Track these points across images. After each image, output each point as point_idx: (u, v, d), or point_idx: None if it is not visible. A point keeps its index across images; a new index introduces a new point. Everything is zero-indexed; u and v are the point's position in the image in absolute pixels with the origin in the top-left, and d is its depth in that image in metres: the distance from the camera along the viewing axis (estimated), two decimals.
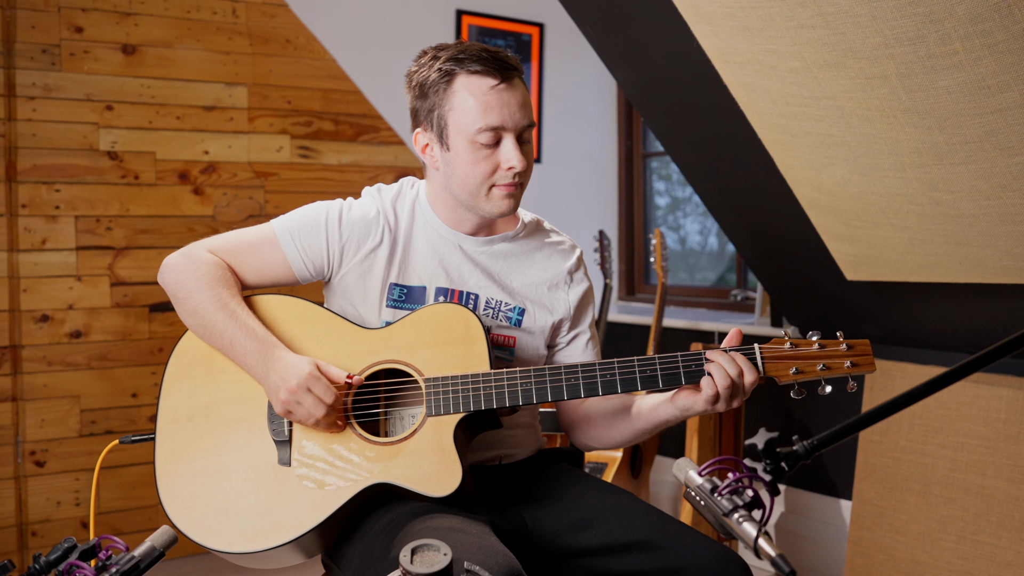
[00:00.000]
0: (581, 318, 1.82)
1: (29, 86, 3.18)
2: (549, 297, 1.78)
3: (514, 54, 1.75)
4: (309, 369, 1.56)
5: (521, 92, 1.67)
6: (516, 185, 1.68)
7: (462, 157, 1.66)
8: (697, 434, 3.12)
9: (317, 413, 1.55)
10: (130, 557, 1.19)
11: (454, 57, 1.65)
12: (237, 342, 1.61)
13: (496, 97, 1.63)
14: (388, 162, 3.87)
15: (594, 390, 1.56)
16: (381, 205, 1.75)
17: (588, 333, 1.82)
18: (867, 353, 1.56)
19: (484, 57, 1.63)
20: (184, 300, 1.67)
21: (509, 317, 1.75)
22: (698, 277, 4.59)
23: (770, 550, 1.06)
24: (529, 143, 1.70)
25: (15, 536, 3.17)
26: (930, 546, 2.63)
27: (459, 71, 1.64)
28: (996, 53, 1.71)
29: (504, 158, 1.65)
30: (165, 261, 1.73)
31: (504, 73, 1.64)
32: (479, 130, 1.63)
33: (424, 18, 4.00)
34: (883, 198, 2.26)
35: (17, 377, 3.18)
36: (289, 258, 1.71)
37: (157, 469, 1.64)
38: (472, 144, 1.64)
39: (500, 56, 1.65)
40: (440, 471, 1.55)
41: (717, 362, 1.54)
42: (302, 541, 1.58)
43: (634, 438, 1.72)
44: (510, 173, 1.65)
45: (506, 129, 1.64)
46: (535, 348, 1.77)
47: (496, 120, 1.63)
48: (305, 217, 1.73)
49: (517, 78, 1.67)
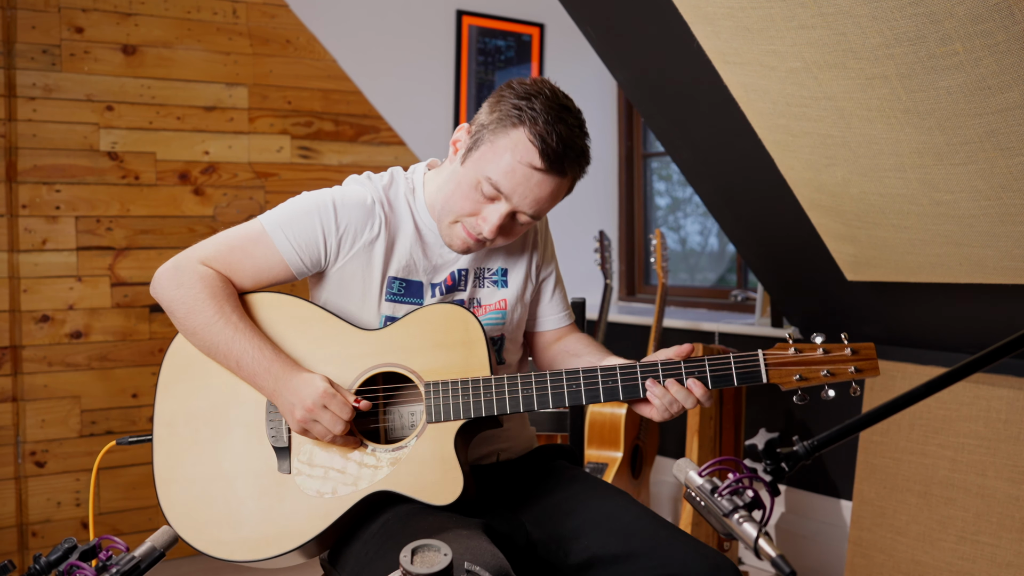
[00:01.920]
0: (547, 249, 1.85)
1: (29, 86, 3.18)
2: (524, 257, 1.80)
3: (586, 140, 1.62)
4: (324, 386, 1.54)
5: (552, 189, 1.59)
6: (479, 241, 1.64)
7: (461, 184, 1.62)
8: (697, 434, 3.11)
9: (335, 430, 1.54)
10: (130, 557, 1.19)
11: (540, 113, 1.56)
12: (244, 362, 1.58)
13: (526, 175, 1.57)
14: (388, 162, 3.87)
15: (596, 397, 1.56)
16: (375, 193, 1.69)
17: (554, 275, 1.86)
18: (871, 357, 1.55)
19: (551, 135, 1.55)
20: (183, 318, 1.62)
21: (495, 280, 1.76)
22: (698, 277, 4.59)
23: (770, 550, 1.06)
24: (522, 227, 1.65)
25: (15, 536, 3.17)
26: (930, 547, 2.63)
27: (526, 125, 1.56)
28: (996, 53, 1.71)
29: (485, 214, 1.61)
30: (157, 274, 1.66)
31: (552, 165, 1.56)
32: (488, 179, 1.58)
33: (424, 18, 4.01)
34: (883, 198, 2.26)
35: (17, 377, 3.18)
36: (282, 252, 1.64)
37: (156, 476, 1.63)
38: (475, 182, 1.60)
39: (567, 150, 1.57)
40: (441, 479, 1.54)
41: (651, 391, 1.55)
42: (304, 548, 1.58)
43: None
44: (477, 230, 1.62)
45: (509, 200, 1.59)
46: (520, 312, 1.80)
47: (507, 188, 1.58)
48: (295, 209, 1.67)
49: (562, 177, 1.59)
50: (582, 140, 1.61)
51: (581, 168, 1.62)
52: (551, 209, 1.65)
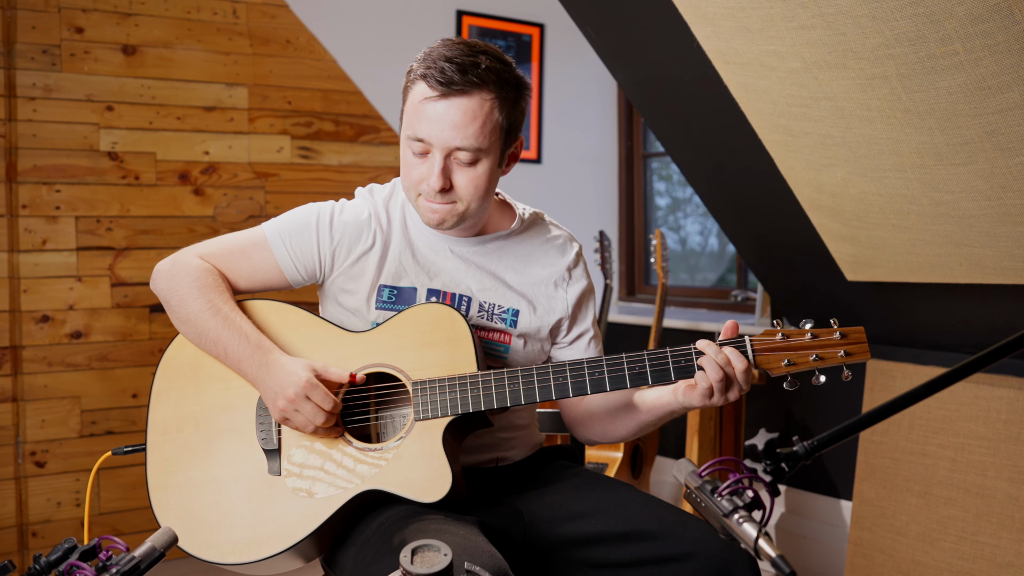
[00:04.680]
0: (581, 317, 1.78)
1: (29, 86, 3.18)
2: (546, 296, 1.75)
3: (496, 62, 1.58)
4: (307, 376, 1.54)
5: (464, 111, 1.55)
6: (443, 204, 1.61)
7: (402, 158, 1.64)
8: (697, 435, 3.12)
9: (317, 420, 1.54)
10: (130, 558, 1.19)
11: (423, 59, 1.59)
12: (231, 349, 1.60)
13: (429, 109, 1.56)
14: (388, 163, 3.87)
15: (582, 389, 1.54)
16: (373, 207, 1.72)
17: (591, 331, 1.79)
18: (861, 340, 1.52)
19: (436, 65, 1.55)
20: (177, 307, 1.65)
21: (504, 319, 1.72)
22: (698, 277, 4.59)
23: (770, 551, 1.06)
24: (472, 166, 1.59)
25: (15, 536, 3.17)
26: (930, 547, 2.63)
27: (417, 75, 1.58)
28: (996, 54, 1.71)
29: (426, 171, 1.60)
30: (156, 268, 1.70)
31: (449, 87, 1.54)
32: (408, 137, 1.60)
33: (424, 18, 4.01)
34: (883, 199, 2.26)
35: (17, 378, 3.18)
36: (280, 261, 1.69)
37: (149, 482, 1.64)
38: (407, 148, 1.61)
39: (459, 69, 1.54)
40: (429, 476, 1.54)
41: (707, 354, 1.51)
42: (296, 549, 1.57)
43: (638, 431, 1.70)
44: (430, 189, 1.60)
45: (433, 145, 1.57)
46: (530, 349, 1.74)
47: (422, 132, 1.56)
48: (296, 220, 1.70)
49: (465, 96, 1.54)
50: (475, 56, 1.56)
51: (490, 77, 1.55)
52: (486, 133, 1.56)
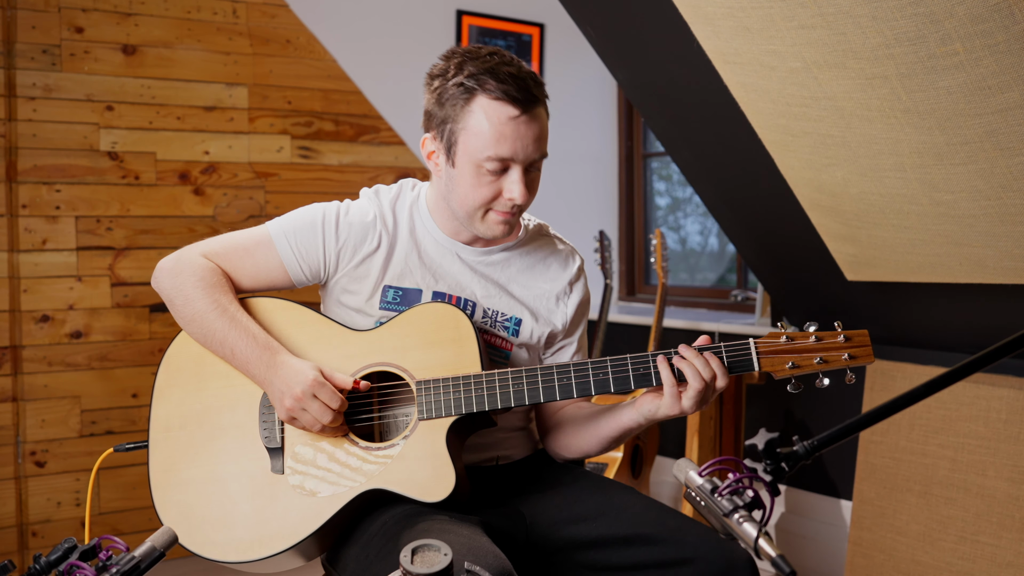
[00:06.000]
0: (574, 329, 1.80)
1: (29, 86, 3.18)
2: (547, 308, 1.76)
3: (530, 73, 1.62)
4: (314, 375, 1.54)
5: (540, 124, 1.59)
6: (513, 213, 1.64)
7: (465, 179, 1.61)
8: (697, 434, 3.12)
9: (324, 419, 1.54)
10: (130, 557, 1.19)
11: (479, 73, 1.56)
12: (239, 350, 1.60)
13: (513, 129, 1.56)
14: (389, 162, 3.87)
15: (587, 390, 1.55)
16: (379, 209, 1.72)
17: (575, 345, 1.80)
18: (865, 344, 1.53)
19: (509, 82, 1.55)
20: (181, 307, 1.64)
21: (506, 327, 1.73)
22: (698, 277, 4.59)
23: (770, 550, 1.06)
24: (537, 171, 1.65)
25: (15, 536, 3.17)
26: (930, 546, 2.63)
27: (480, 91, 1.56)
28: (996, 53, 1.71)
29: (507, 188, 1.60)
30: (158, 265, 1.70)
31: (527, 105, 1.56)
32: (488, 158, 1.57)
33: (424, 18, 4.00)
34: (883, 198, 2.26)
35: (17, 377, 3.18)
36: (284, 261, 1.68)
37: (151, 480, 1.63)
38: (478, 169, 1.59)
39: (526, 83, 1.57)
40: (433, 476, 1.54)
41: (690, 363, 1.51)
42: (299, 548, 1.57)
43: (600, 447, 1.69)
44: (509, 203, 1.62)
45: (516, 161, 1.59)
46: (531, 356, 1.76)
47: (507, 152, 1.57)
48: (301, 219, 1.70)
49: (539, 107, 1.59)
50: (521, 63, 1.61)
51: (541, 86, 1.62)
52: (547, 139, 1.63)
